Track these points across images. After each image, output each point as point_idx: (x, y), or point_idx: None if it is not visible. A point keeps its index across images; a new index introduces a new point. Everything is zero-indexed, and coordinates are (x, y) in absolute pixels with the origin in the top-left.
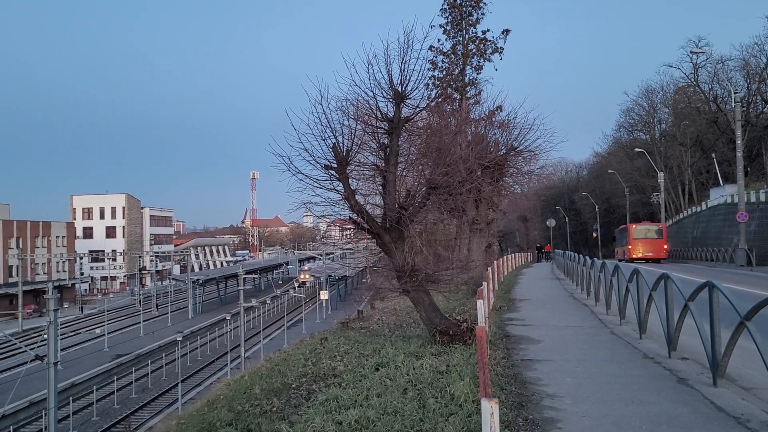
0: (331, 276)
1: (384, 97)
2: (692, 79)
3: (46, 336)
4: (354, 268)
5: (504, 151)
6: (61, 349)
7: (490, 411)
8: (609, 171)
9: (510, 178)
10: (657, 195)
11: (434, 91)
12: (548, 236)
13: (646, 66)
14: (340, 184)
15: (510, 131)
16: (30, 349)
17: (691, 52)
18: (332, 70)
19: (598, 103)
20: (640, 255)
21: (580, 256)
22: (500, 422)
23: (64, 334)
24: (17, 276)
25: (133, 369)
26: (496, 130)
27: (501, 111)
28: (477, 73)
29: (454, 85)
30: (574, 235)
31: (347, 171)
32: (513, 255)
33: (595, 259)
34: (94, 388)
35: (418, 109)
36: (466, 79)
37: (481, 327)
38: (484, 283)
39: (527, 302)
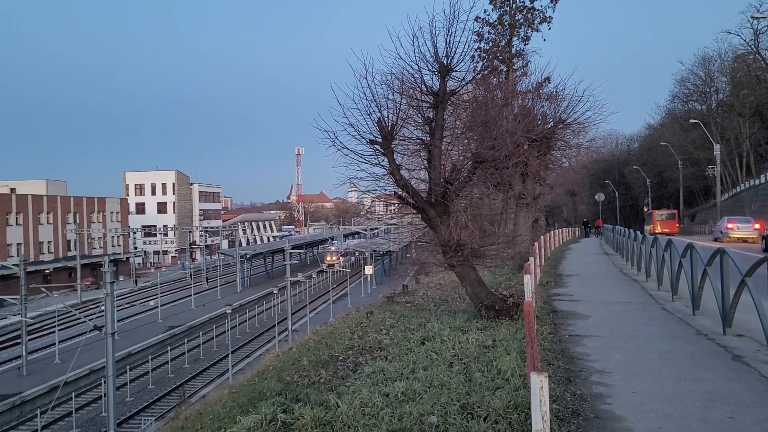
0: (375, 251)
1: (429, 70)
2: (752, 46)
3: (103, 307)
4: (398, 243)
5: (552, 123)
6: (118, 320)
7: (540, 385)
8: (662, 143)
9: (558, 151)
10: (712, 168)
11: (480, 64)
12: (597, 211)
13: (703, 33)
14: (385, 159)
15: (558, 103)
16: (89, 320)
17: (751, 17)
18: (377, 44)
19: (651, 73)
20: (659, 231)
21: (630, 230)
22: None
23: (120, 306)
24: (75, 250)
25: (186, 340)
26: (544, 103)
27: (549, 83)
28: (524, 44)
29: (500, 57)
30: (624, 209)
31: (392, 145)
32: (560, 230)
33: (646, 233)
34: (149, 357)
35: (463, 82)
36: (513, 51)
37: (529, 302)
38: (531, 258)
39: (575, 277)
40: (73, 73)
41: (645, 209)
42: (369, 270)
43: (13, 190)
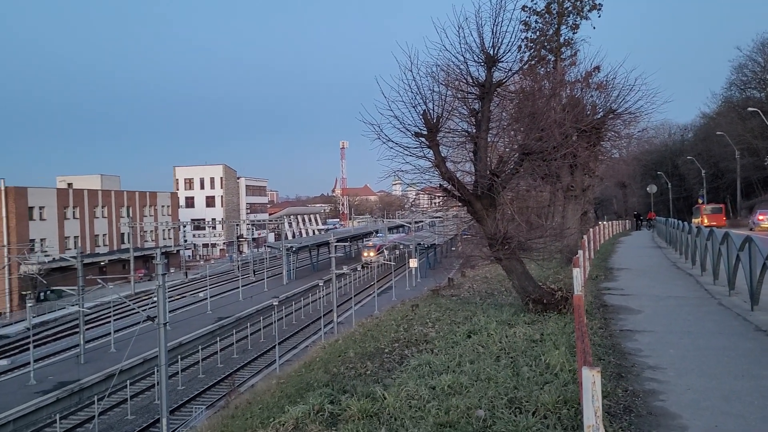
0: (420, 244)
1: (475, 61)
2: None
3: (155, 298)
4: (443, 236)
5: (602, 114)
6: (169, 311)
7: (592, 380)
8: (717, 133)
9: (608, 142)
10: None
11: (527, 54)
12: (648, 203)
13: (763, 18)
14: (431, 152)
15: (608, 93)
16: (142, 311)
17: None
18: (422, 36)
19: (707, 60)
20: (706, 224)
21: (684, 223)
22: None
23: (171, 297)
24: (128, 243)
25: (234, 331)
26: (594, 92)
27: (599, 72)
28: (573, 33)
29: (548, 46)
30: (677, 201)
31: (437, 138)
32: (610, 223)
33: (700, 225)
34: (200, 347)
35: (510, 73)
36: (561, 40)
37: (579, 295)
38: (580, 251)
39: (625, 271)
40: (128, 73)
41: (699, 201)
42: (414, 263)
43: (70, 185)
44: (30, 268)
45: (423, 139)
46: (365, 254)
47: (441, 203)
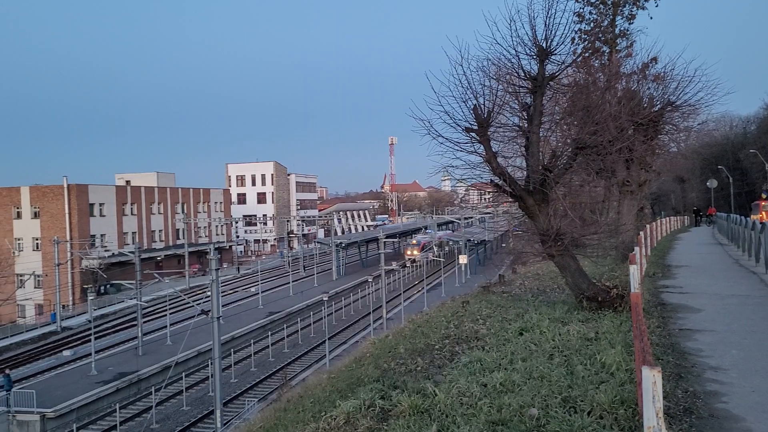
0: (470, 240)
1: (527, 54)
2: None
3: (209, 293)
4: (494, 232)
5: (659, 106)
6: (222, 306)
7: (653, 380)
8: None
9: (665, 135)
10: None
11: (581, 46)
12: (708, 198)
13: None
14: (481, 147)
15: (666, 85)
16: (197, 305)
17: None
18: (473, 30)
19: None
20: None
21: (747, 219)
22: None
23: (224, 291)
24: (183, 238)
25: (285, 326)
26: (651, 84)
27: (656, 63)
28: (629, 23)
29: (602, 38)
30: (739, 196)
31: (488, 133)
32: (667, 218)
33: (765, 222)
34: (252, 341)
35: (563, 66)
36: (617, 31)
37: (636, 293)
38: (636, 248)
39: (684, 269)
40: (184, 75)
41: (763, 196)
42: (463, 259)
43: (128, 182)
44: (91, 262)
45: (473, 134)
46: (408, 252)
47: (491, 199)
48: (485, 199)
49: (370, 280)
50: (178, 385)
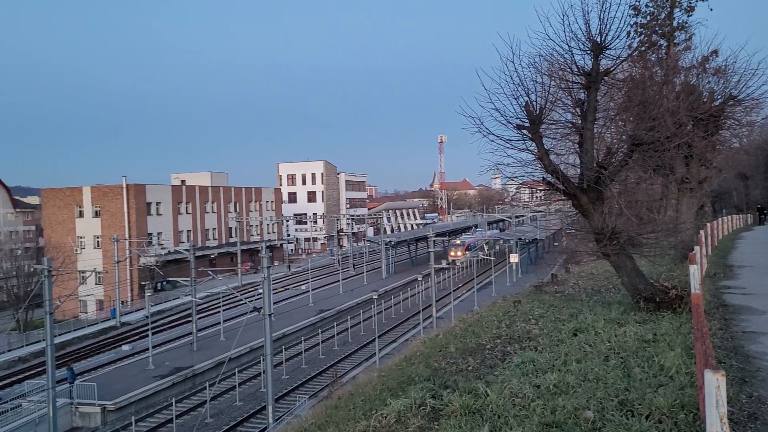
0: (521, 239)
1: (580, 49)
2: None
3: (261, 290)
4: (546, 230)
5: (720, 101)
6: (274, 303)
7: (716, 384)
8: None
9: (727, 131)
10: None
11: (636, 40)
12: None
13: None
14: (533, 144)
15: (727, 78)
16: (249, 302)
17: None
18: (524, 26)
19: None
20: None
21: None
22: None
23: (275, 289)
24: (236, 237)
25: (335, 323)
26: (711, 78)
27: (717, 56)
28: (687, 16)
29: (659, 31)
30: None
31: (540, 130)
32: (729, 217)
33: None
34: (302, 339)
35: (618, 61)
36: (675, 23)
37: (697, 294)
38: (696, 247)
39: (747, 269)
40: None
41: None
42: (514, 258)
43: (183, 181)
44: (148, 260)
45: (525, 132)
46: (452, 253)
47: (543, 197)
48: (537, 197)
49: (419, 279)
50: (231, 380)
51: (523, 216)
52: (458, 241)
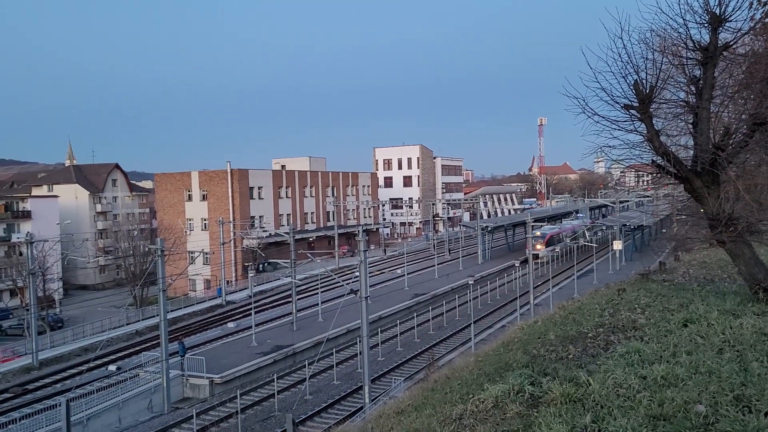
0: (625, 225)
1: (697, 22)
2: None
3: (357, 273)
4: (653, 216)
5: None
6: (370, 286)
7: None
8: None
9: None
10: None
11: (761, 10)
12: None
13: None
14: (642, 125)
15: None
16: (346, 284)
17: None
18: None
19: None
20: None
21: None
22: None
23: (371, 272)
24: (333, 220)
25: (430, 308)
26: None
27: None
28: None
29: None
30: None
31: (650, 109)
32: None
33: None
34: (398, 322)
35: (739, 34)
36: None
37: None
38: None
39: None
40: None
41: None
42: (617, 245)
43: (283, 166)
44: (251, 242)
45: (633, 112)
46: (530, 246)
47: (651, 181)
48: (644, 181)
49: (516, 265)
50: (328, 360)
51: (627, 201)
52: (538, 233)
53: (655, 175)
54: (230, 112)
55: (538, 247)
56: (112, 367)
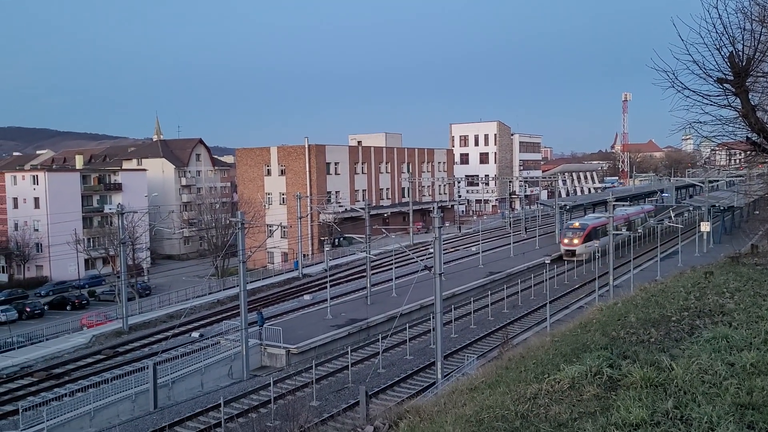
0: (714, 206)
1: None
2: None
3: (432, 250)
4: (746, 196)
5: None
6: (444, 263)
7: None
8: None
9: None
10: None
11: None
12: None
13: None
14: (736, 99)
15: None
16: (420, 260)
17: None
18: None
19: None
20: None
21: None
22: None
23: (446, 249)
24: (408, 197)
25: (504, 286)
26: None
27: None
28: None
29: None
30: None
31: (746, 83)
32: None
33: None
34: (472, 299)
35: None
36: None
37: None
38: None
39: None
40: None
41: None
42: (705, 227)
43: (359, 142)
44: (327, 217)
45: (728, 86)
46: (566, 241)
47: (745, 159)
48: (737, 159)
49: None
50: (401, 335)
51: (717, 181)
52: (576, 224)
53: (749, 153)
54: (309, 89)
55: (576, 241)
56: (195, 334)
